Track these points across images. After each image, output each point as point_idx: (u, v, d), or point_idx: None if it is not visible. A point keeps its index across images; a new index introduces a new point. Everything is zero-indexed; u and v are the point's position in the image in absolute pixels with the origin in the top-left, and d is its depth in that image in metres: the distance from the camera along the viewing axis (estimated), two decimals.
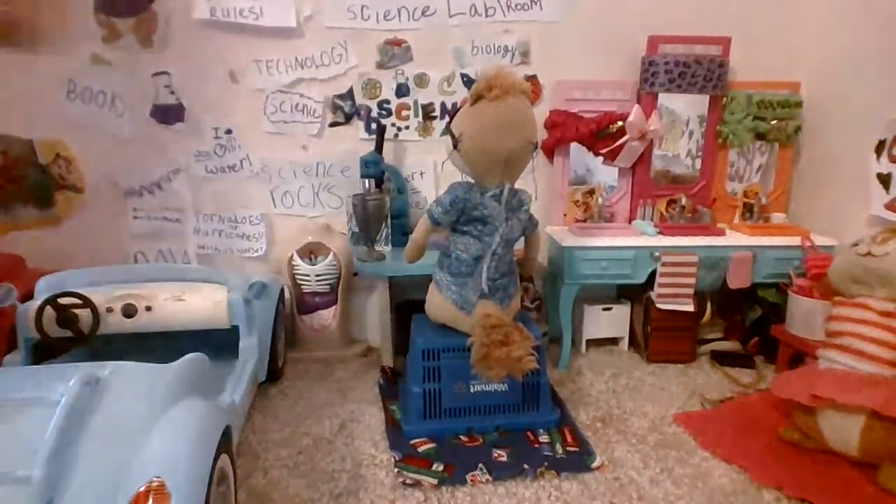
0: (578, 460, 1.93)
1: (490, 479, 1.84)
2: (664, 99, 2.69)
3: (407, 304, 2.58)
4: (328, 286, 2.67)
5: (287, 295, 2.68)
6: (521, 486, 1.82)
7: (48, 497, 1.12)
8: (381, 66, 2.64)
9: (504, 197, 1.98)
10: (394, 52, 2.63)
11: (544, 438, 2.06)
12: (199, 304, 2.15)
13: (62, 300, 2.00)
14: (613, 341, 2.87)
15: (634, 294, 2.77)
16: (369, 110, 2.69)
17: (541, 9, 2.62)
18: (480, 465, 1.89)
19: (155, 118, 2.60)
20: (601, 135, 2.66)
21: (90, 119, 2.56)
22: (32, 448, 1.15)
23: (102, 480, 1.17)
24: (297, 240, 2.65)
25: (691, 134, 2.78)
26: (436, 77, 2.67)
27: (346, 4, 2.54)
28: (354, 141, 2.70)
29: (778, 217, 2.80)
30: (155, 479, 1.17)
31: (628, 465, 1.92)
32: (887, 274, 1.92)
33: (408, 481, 1.82)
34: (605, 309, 2.79)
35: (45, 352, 2.07)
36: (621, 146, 2.64)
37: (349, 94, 2.66)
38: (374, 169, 2.47)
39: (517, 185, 2.04)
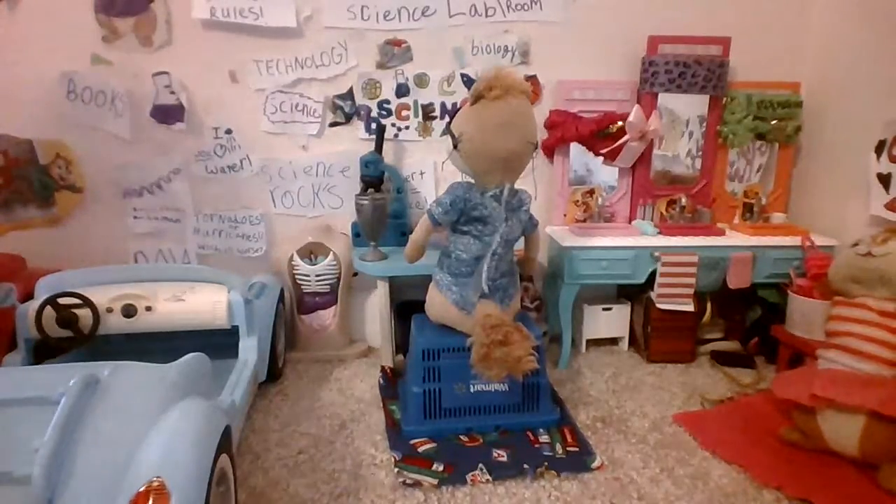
0: (578, 460, 1.93)
1: (490, 479, 1.84)
2: (664, 99, 2.68)
3: (407, 304, 2.58)
4: (328, 286, 2.67)
5: (287, 295, 2.68)
6: (521, 486, 1.82)
7: (47, 497, 1.12)
8: (381, 66, 2.64)
9: (504, 197, 1.97)
10: (394, 52, 2.62)
11: (544, 438, 2.06)
12: (199, 304, 2.15)
13: (62, 300, 2.00)
14: (613, 341, 2.87)
15: (634, 294, 2.77)
16: (369, 110, 2.69)
17: (541, 9, 2.62)
18: (480, 465, 1.89)
19: (155, 118, 2.60)
20: (601, 135, 2.66)
21: (90, 119, 2.56)
22: (32, 448, 1.14)
23: (102, 480, 1.17)
24: (297, 240, 2.66)
25: (691, 134, 2.78)
26: (436, 77, 2.67)
27: (346, 4, 2.54)
28: (354, 141, 2.70)
29: (778, 217, 2.79)
30: (155, 479, 1.17)
31: (628, 465, 1.92)
32: (887, 274, 1.93)
33: (408, 481, 1.82)
34: (605, 309, 2.79)
35: (45, 352, 2.06)
36: (621, 146, 2.64)
37: (349, 94, 2.66)
38: (374, 169, 2.47)
39: (517, 185, 2.04)
